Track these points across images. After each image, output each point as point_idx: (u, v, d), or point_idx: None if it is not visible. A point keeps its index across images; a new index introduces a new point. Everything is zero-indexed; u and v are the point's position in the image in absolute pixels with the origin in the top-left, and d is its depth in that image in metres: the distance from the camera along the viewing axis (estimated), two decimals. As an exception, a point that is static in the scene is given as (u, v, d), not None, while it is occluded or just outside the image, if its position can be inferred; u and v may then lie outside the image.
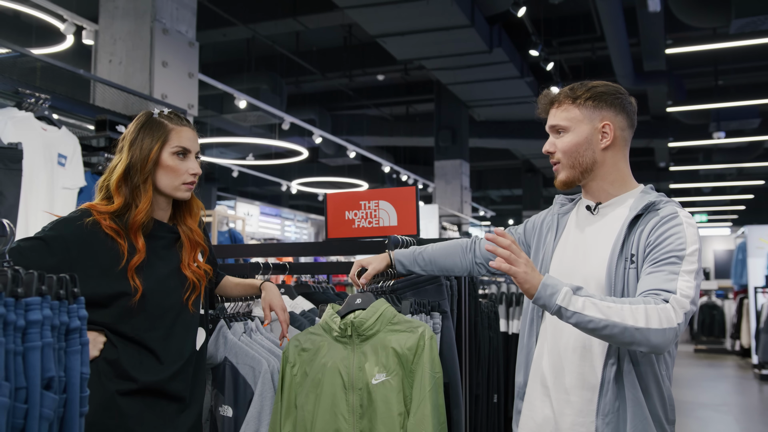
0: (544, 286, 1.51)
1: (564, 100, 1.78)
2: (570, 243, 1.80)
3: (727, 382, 9.08)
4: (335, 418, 1.93)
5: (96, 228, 1.77)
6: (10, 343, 0.95)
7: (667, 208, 1.66)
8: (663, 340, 1.46)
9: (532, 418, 1.78)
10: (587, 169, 1.76)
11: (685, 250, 1.56)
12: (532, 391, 1.80)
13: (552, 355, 1.75)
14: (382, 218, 2.55)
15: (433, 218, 10.07)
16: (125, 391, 1.74)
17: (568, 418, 1.68)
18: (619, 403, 1.60)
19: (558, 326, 1.75)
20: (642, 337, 1.45)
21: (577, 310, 1.47)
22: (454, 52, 9.30)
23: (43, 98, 3.43)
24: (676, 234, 1.58)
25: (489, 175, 20.36)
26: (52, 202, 3.43)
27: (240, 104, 7.94)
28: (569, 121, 1.75)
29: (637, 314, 1.45)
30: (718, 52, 9.99)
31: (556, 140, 1.78)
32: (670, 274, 1.53)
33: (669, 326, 1.45)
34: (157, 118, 1.89)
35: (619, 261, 1.65)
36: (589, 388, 1.65)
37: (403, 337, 1.94)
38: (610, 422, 1.60)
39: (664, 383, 1.63)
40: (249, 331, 2.25)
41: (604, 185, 1.78)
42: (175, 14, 5.07)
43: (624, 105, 1.77)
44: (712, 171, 17.52)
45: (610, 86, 1.78)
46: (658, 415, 1.61)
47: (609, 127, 1.74)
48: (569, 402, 1.68)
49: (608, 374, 1.62)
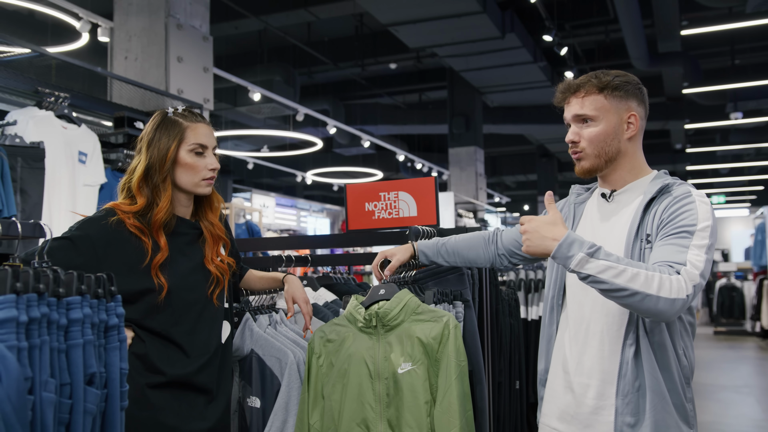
0: (560, 245, 1.54)
1: (590, 89, 1.76)
2: (588, 231, 1.82)
3: (747, 364, 9.03)
4: (362, 407, 1.96)
5: (120, 227, 1.80)
6: (53, 341, 0.98)
7: (681, 188, 1.68)
8: (670, 309, 1.48)
9: (554, 404, 1.81)
10: (612, 158, 1.77)
11: (696, 225, 1.57)
12: (554, 377, 1.83)
13: (572, 342, 1.77)
14: (401, 209, 2.57)
15: (448, 206, 10.06)
16: (154, 384, 1.78)
17: (590, 401, 1.70)
18: (639, 383, 1.63)
19: (578, 313, 1.77)
20: (651, 304, 1.48)
21: (591, 273, 1.51)
22: (466, 38, 9.26)
23: (63, 97, 3.47)
24: (689, 210, 1.60)
25: (503, 161, 20.28)
26: (75, 200, 3.48)
27: (254, 96, 7.96)
28: (597, 110, 1.75)
29: (650, 281, 1.47)
30: (735, 32, 9.87)
31: (582, 130, 1.77)
32: (681, 247, 1.55)
33: (678, 296, 1.47)
34: (172, 116, 1.91)
35: (635, 243, 1.67)
36: (609, 371, 1.68)
37: (427, 327, 1.97)
38: (630, 402, 1.63)
39: (682, 361, 1.65)
40: (274, 324, 2.28)
41: (623, 173, 1.79)
42: (189, 9, 5.09)
43: (644, 95, 1.79)
44: (729, 152, 17.33)
45: (630, 76, 1.79)
46: (678, 392, 1.63)
47: (635, 117, 1.75)
48: (590, 385, 1.71)
49: (627, 355, 1.64)
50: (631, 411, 1.63)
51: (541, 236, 1.58)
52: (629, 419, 1.63)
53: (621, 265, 1.50)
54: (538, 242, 1.59)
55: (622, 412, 1.64)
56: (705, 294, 14.27)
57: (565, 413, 1.76)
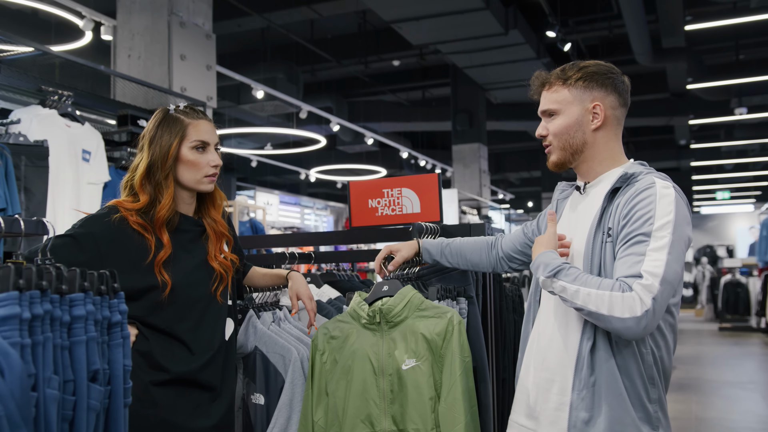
0: (535, 265, 1.68)
1: (555, 81, 1.76)
2: (563, 225, 1.83)
3: (752, 360, 9.01)
4: (366, 404, 1.96)
5: (124, 224, 1.81)
6: (57, 338, 0.99)
7: (646, 179, 1.64)
8: (624, 328, 1.49)
9: (523, 401, 1.80)
10: (578, 150, 1.75)
11: (653, 225, 1.54)
12: (525, 374, 1.82)
13: (541, 338, 1.77)
14: (405, 206, 2.57)
15: (452, 202, 10.06)
16: (159, 381, 1.78)
17: (553, 397, 1.69)
18: (595, 378, 1.60)
19: (548, 309, 1.77)
20: (606, 323, 1.51)
21: (556, 292, 1.60)
22: (469, 35, 9.24)
23: (66, 95, 3.47)
24: (645, 208, 1.57)
25: (507, 158, 20.25)
26: (79, 198, 3.48)
27: (257, 94, 7.96)
28: (559, 103, 1.75)
29: (600, 301, 1.50)
30: (739, 27, 9.81)
31: (548, 123, 1.78)
32: (636, 256, 1.53)
33: (631, 315, 1.47)
34: (173, 113, 1.91)
35: (597, 234, 1.66)
36: (569, 366, 1.66)
37: (431, 323, 1.97)
38: (584, 398, 1.60)
39: (646, 361, 1.60)
40: (278, 321, 2.29)
41: (593, 165, 1.77)
42: (192, 7, 5.09)
43: (615, 84, 1.74)
44: (734, 147, 17.25)
45: (602, 65, 1.76)
46: (637, 391, 1.59)
47: (599, 107, 1.72)
48: (552, 381, 1.70)
49: (584, 350, 1.62)
50: (585, 406, 1.60)
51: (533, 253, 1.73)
52: (583, 414, 1.60)
53: (575, 285, 1.55)
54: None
55: (577, 407, 1.61)
56: (710, 290, 14.24)
57: (532, 410, 1.75)
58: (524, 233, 2.08)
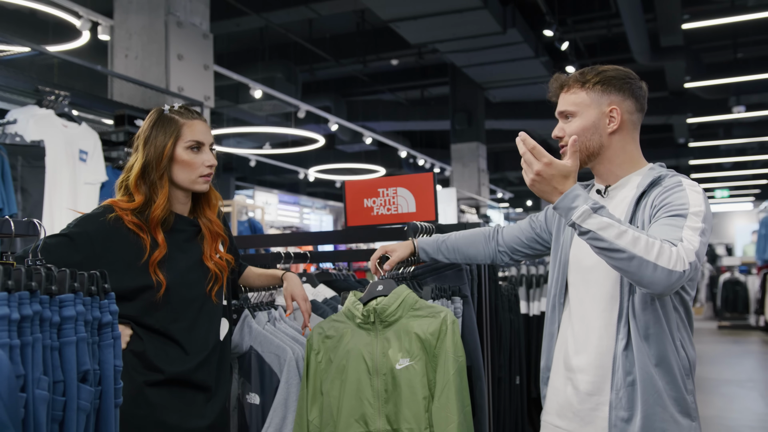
0: (565, 196, 1.53)
1: (573, 84, 1.78)
2: None
3: (752, 358, 9.02)
4: (361, 403, 1.96)
5: (119, 224, 1.81)
6: (46, 339, 0.99)
7: (672, 179, 1.67)
8: (665, 280, 1.44)
9: (556, 401, 1.82)
10: (593, 153, 1.77)
11: (688, 210, 1.56)
12: (555, 374, 1.84)
13: (574, 339, 1.78)
14: (400, 205, 2.57)
15: (451, 202, 10.05)
16: (153, 381, 1.78)
17: (589, 398, 1.71)
18: (633, 377, 1.62)
19: (579, 310, 1.77)
20: (648, 271, 1.44)
21: (592, 228, 1.49)
22: (467, 34, 9.23)
23: (63, 95, 3.48)
24: (680, 199, 1.59)
25: (506, 157, 20.22)
26: (75, 198, 3.49)
27: (255, 94, 7.96)
28: (577, 105, 1.76)
29: (651, 247, 1.45)
30: (737, 25, 9.81)
31: (565, 125, 1.79)
32: (675, 227, 1.53)
33: (675, 268, 1.44)
34: (168, 114, 1.91)
35: None
36: (605, 366, 1.68)
37: (425, 323, 1.97)
38: (622, 396, 1.63)
39: (680, 353, 1.63)
40: (273, 320, 2.29)
41: (612, 168, 1.79)
42: (189, 7, 5.09)
43: (633, 89, 1.77)
44: (732, 146, 17.25)
45: (620, 70, 1.78)
46: (677, 384, 1.62)
47: (616, 111, 1.74)
48: (588, 381, 1.72)
49: (618, 350, 1.64)
50: (624, 405, 1.63)
51: (551, 186, 1.55)
52: (623, 413, 1.63)
53: (623, 226, 1.48)
54: (545, 189, 1.57)
55: (616, 406, 1.64)
56: (709, 288, 14.25)
57: (566, 410, 1.77)
58: (532, 227, 2.06)
